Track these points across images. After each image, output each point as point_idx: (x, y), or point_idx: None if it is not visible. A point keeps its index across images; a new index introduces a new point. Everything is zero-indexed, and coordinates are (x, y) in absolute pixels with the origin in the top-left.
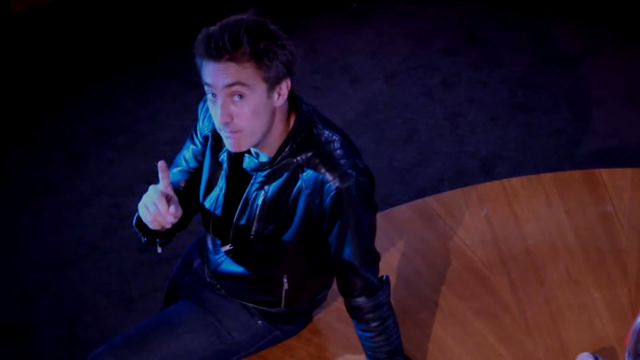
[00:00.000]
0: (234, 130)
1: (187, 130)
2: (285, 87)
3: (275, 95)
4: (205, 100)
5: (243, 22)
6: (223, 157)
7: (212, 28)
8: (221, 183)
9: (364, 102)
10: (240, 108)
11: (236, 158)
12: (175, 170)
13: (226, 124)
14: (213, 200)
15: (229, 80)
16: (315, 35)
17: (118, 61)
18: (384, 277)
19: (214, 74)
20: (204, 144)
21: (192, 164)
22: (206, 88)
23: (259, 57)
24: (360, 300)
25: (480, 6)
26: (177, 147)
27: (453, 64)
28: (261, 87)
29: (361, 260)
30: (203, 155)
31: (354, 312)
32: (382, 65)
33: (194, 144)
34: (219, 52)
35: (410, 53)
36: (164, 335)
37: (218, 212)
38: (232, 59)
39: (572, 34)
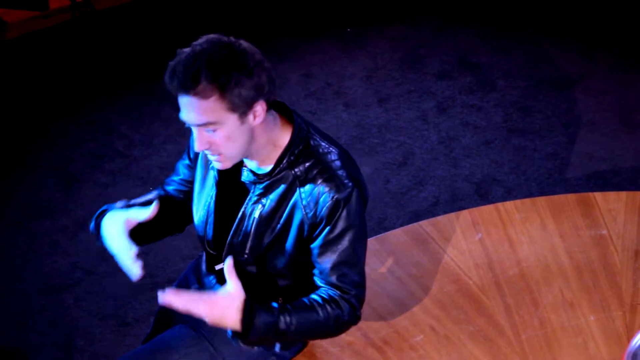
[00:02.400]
0: (216, 152)
1: (182, 154)
2: (260, 108)
3: (250, 118)
4: None
5: (205, 53)
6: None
7: (173, 63)
8: (212, 191)
9: (358, 126)
10: (214, 137)
11: (229, 171)
12: (171, 179)
13: (204, 149)
14: (205, 208)
15: (196, 121)
16: (309, 60)
17: (112, 86)
18: (359, 311)
19: (184, 110)
20: (194, 160)
21: (183, 174)
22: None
23: (222, 89)
24: (329, 288)
25: (474, 30)
26: (172, 172)
27: (447, 88)
28: (231, 117)
29: (343, 269)
30: (192, 168)
31: (316, 285)
32: (376, 90)
33: (185, 157)
34: (182, 89)
35: (405, 77)
36: None
37: (211, 220)
38: (196, 94)
39: (566, 57)
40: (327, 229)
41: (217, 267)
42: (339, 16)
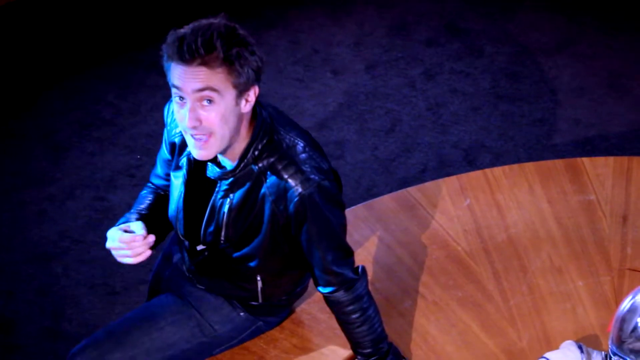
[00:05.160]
0: (203, 134)
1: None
2: (253, 94)
3: (243, 102)
4: (170, 104)
5: (215, 26)
6: (183, 161)
7: (182, 31)
8: (181, 188)
9: (346, 93)
10: (208, 113)
11: (198, 165)
12: (156, 173)
13: (194, 127)
14: (175, 204)
15: (200, 85)
16: (297, 27)
17: (99, 54)
18: (360, 269)
19: (184, 78)
20: (172, 152)
21: (165, 169)
22: (174, 90)
23: (231, 63)
24: (339, 295)
25: None
26: (159, 140)
27: (435, 54)
28: (231, 93)
29: (333, 258)
30: (171, 161)
31: (334, 306)
32: (364, 57)
33: (163, 149)
34: (191, 56)
35: (392, 44)
36: (147, 328)
37: (180, 216)
38: (204, 63)
39: (553, 23)
40: (305, 225)
41: (199, 248)
42: None
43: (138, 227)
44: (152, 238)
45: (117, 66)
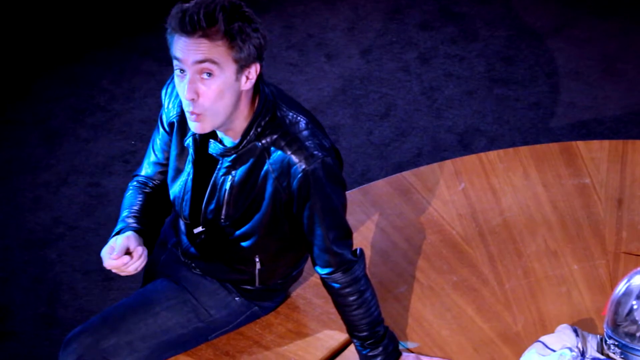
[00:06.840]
0: (198, 110)
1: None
2: (254, 71)
3: (244, 79)
4: (168, 85)
5: (219, 1)
6: (189, 141)
7: (187, 4)
8: (188, 168)
9: (340, 78)
10: (207, 86)
11: (202, 143)
12: (149, 161)
13: (192, 100)
14: (182, 185)
15: (200, 57)
16: (291, 12)
17: (93, 40)
18: (358, 251)
19: (185, 49)
20: (170, 132)
21: (162, 154)
22: (175, 63)
23: (232, 37)
24: (336, 276)
25: None
26: (153, 126)
27: (429, 38)
28: (231, 68)
29: (333, 237)
30: (169, 140)
31: (331, 288)
32: (358, 41)
33: (161, 132)
34: (192, 28)
35: (387, 28)
36: (142, 313)
37: (187, 197)
38: (205, 35)
39: (548, 6)
40: (308, 203)
41: (196, 231)
42: None
43: (118, 246)
44: (142, 250)
45: (112, 52)
